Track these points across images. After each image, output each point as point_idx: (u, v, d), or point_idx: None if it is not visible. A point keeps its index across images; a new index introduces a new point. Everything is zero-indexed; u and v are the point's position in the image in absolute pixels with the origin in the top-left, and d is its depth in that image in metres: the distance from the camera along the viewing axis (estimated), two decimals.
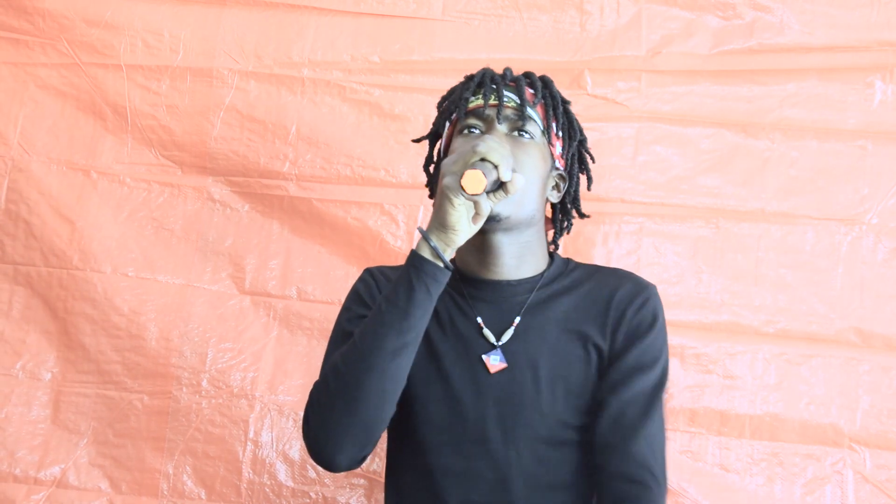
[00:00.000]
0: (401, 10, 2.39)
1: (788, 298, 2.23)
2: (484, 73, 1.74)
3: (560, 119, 1.74)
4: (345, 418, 1.50)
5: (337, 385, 1.51)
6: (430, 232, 1.51)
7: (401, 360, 1.51)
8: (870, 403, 2.18)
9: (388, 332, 1.49)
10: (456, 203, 1.47)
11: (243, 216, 2.38)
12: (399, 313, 1.50)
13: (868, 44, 2.31)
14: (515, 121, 1.67)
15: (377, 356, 1.49)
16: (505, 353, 1.64)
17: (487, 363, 1.63)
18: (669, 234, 2.27)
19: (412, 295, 1.50)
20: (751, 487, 2.16)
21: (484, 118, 1.68)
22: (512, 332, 1.65)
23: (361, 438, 1.52)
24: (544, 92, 1.73)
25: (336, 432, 1.51)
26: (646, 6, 2.36)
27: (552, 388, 1.61)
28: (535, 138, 1.68)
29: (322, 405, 1.53)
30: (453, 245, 1.51)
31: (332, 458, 1.53)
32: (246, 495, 2.24)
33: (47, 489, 2.28)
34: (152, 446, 2.28)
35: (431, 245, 1.50)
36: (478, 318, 1.67)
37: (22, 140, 2.41)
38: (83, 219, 2.37)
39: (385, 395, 1.51)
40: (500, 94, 1.67)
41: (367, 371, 1.49)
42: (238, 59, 2.40)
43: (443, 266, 1.51)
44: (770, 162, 2.28)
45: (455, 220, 1.49)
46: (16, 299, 2.37)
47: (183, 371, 2.30)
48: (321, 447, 1.53)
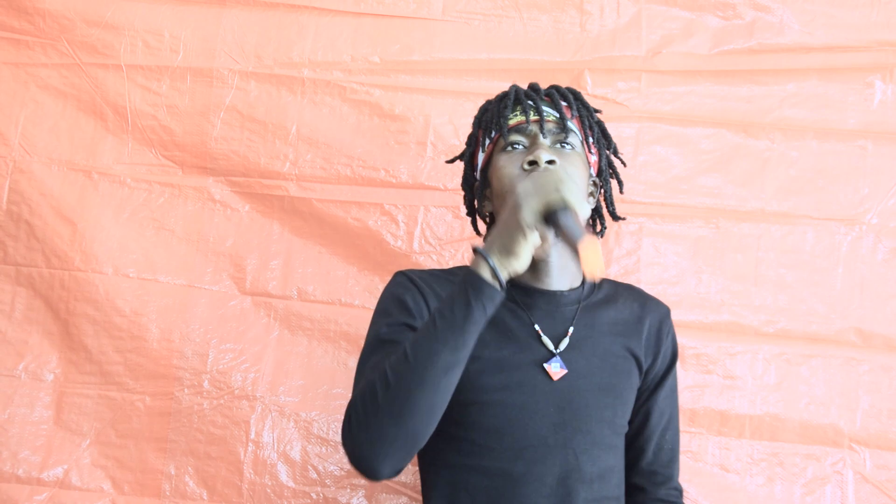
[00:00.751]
0: (401, 10, 2.39)
1: (788, 298, 2.24)
2: (517, 89, 1.80)
3: (595, 130, 1.83)
4: (392, 429, 1.50)
5: (386, 397, 1.50)
6: (492, 254, 1.51)
7: (452, 377, 1.52)
8: (870, 403, 2.19)
9: (442, 350, 1.50)
10: (529, 236, 1.49)
11: (244, 216, 2.38)
12: (456, 332, 1.50)
13: (868, 44, 2.31)
14: (558, 133, 1.74)
15: (430, 371, 1.49)
16: (563, 360, 1.70)
17: (549, 370, 1.69)
18: (669, 234, 2.27)
19: (470, 314, 1.50)
20: (751, 487, 2.17)
21: (527, 133, 1.74)
22: (568, 341, 1.72)
23: (406, 450, 1.53)
24: (577, 104, 1.81)
25: (382, 443, 1.51)
26: (646, 6, 2.36)
27: (604, 394, 1.71)
28: (576, 149, 1.75)
29: (368, 415, 1.52)
30: (512, 271, 1.52)
31: (377, 468, 1.53)
32: (247, 496, 2.25)
33: (50, 490, 2.29)
34: (154, 447, 2.29)
35: (492, 265, 1.51)
36: (535, 326, 1.72)
37: (23, 141, 2.41)
38: (84, 220, 2.37)
39: (434, 410, 1.52)
40: (540, 108, 1.74)
41: (419, 386, 1.49)
42: (238, 59, 2.39)
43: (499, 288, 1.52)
44: (770, 162, 2.28)
45: (522, 250, 1.50)
46: (18, 300, 2.37)
47: (184, 372, 2.30)
48: (366, 456, 1.53)
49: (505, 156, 1.74)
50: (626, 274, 2.25)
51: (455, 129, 2.31)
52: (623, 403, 1.74)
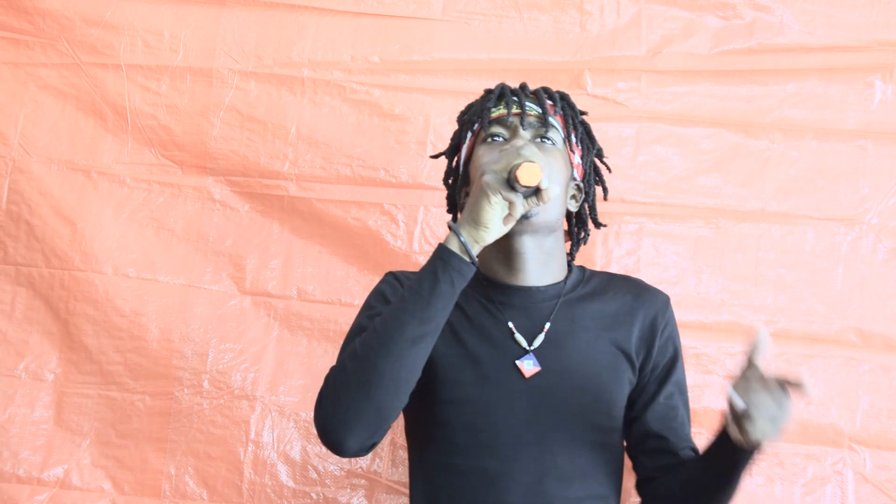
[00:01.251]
0: (401, 10, 2.39)
1: (788, 298, 2.23)
2: (503, 86, 1.80)
3: (578, 129, 1.81)
4: (358, 402, 1.52)
5: (354, 368, 1.53)
6: (461, 227, 1.54)
7: (418, 350, 1.53)
8: (870, 403, 2.19)
9: (408, 320, 1.52)
10: (493, 201, 1.50)
11: (243, 216, 2.38)
12: (422, 303, 1.52)
13: (868, 44, 2.30)
14: (538, 128, 1.73)
15: (396, 342, 1.51)
16: (537, 357, 1.68)
17: (522, 368, 1.67)
18: (669, 234, 2.27)
19: (436, 286, 1.52)
20: (751, 487, 2.17)
21: (507, 126, 1.74)
22: (543, 338, 1.70)
23: (372, 424, 1.54)
24: (562, 103, 1.80)
25: (348, 415, 1.52)
26: (646, 6, 2.36)
27: (584, 392, 1.68)
28: (557, 145, 1.74)
29: (337, 387, 1.54)
30: (482, 242, 1.53)
31: (342, 441, 1.55)
32: (247, 496, 2.25)
33: (50, 490, 2.29)
34: (154, 447, 2.29)
35: (461, 240, 1.52)
36: (509, 323, 1.71)
37: (22, 140, 2.41)
38: (84, 219, 2.37)
39: (399, 383, 1.53)
40: (523, 102, 1.74)
41: (384, 356, 1.51)
42: (238, 59, 2.39)
43: (469, 261, 1.53)
44: (770, 162, 2.28)
45: (489, 217, 1.51)
46: (18, 300, 2.37)
47: (184, 372, 2.30)
48: (332, 429, 1.55)
49: (484, 147, 1.74)
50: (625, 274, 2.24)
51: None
52: (608, 401, 1.70)
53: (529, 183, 1.48)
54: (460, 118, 1.89)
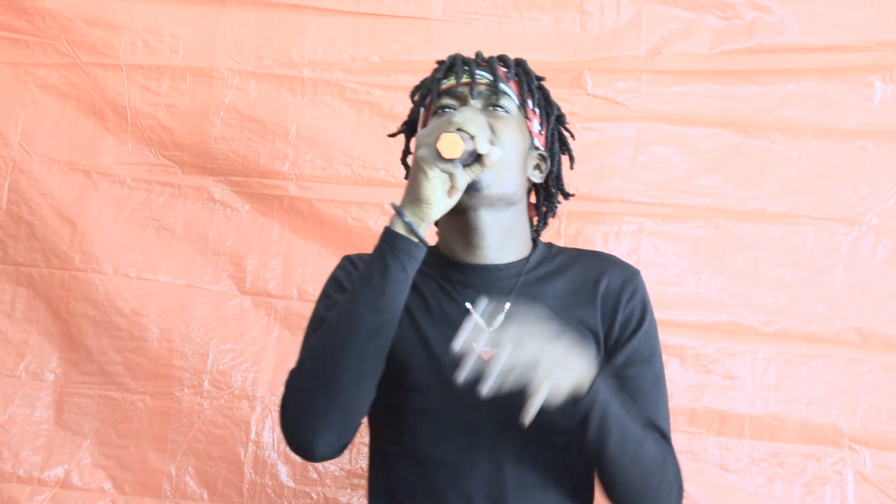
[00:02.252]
0: (401, 10, 2.39)
1: (788, 298, 2.23)
2: (455, 56, 1.69)
3: (535, 94, 1.70)
4: (322, 402, 1.44)
5: (314, 368, 1.46)
6: (404, 207, 1.44)
7: (378, 340, 1.45)
8: (870, 403, 2.19)
9: (363, 312, 1.43)
10: (430, 175, 1.41)
11: (243, 216, 2.38)
12: (375, 292, 1.44)
13: (868, 44, 2.30)
14: (489, 96, 1.63)
15: (353, 336, 1.43)
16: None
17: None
18: (669, 234, 2.27)
19: (387, 272, 1.43)
20: (751, 487, 2.17)
21: (458, 96, 1.63)
22: (503, 318, 1.58)
23: (340, 424, 1.47)
24: (517, 69, 1.69)
25: (314, 418, 1.45)
26: (646, 6, 2.36)
27: None
28: (511, 113, 1.63)
29: (299, 390, 1.47)
30: (428, 220, 1.44)
31: (310, 445, 1.47)
32: (248, 496, 2.25)
33: (51, 490, 2.30)
34: (155, 447, 2.29)
35: (405, 220, 1.43)
36: (466, 304, 1.60)
37: (23, 140, 2.41)
38: (84, 219, 2.37)
39: (363, 378, 1.45)
40: (473, 71, 1.63)
41: (344, 352, 1.43)
42: (238, 59, 2.39)
43: (418, 241, 1.44)
44: (770, 162, 2.28)
45: (429, 192, 1.42)
46: (18, 300, 2.37)
47: (184, 372, 2.31)
48: (299, 434, 1.48)
49: (434, 119, 1.63)
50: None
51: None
52: None
53: (451, 155, 1.37)
54: (412, 94, 1.78)
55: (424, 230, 1.45)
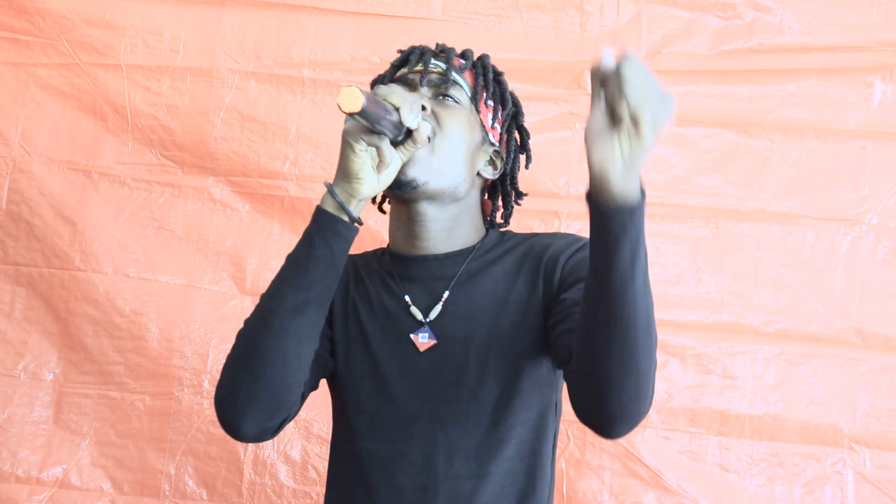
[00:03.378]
0: (401, 10, 2.39)
1: (788, 298, 2.23)
2: (413, 46, 1.64)
3: (490, 87, 1.62)
4: (247, 382, 1.40)
5: (240, 348, 1.42)
6: (335, 184, 1.39)
7: (302, 319, 1.40)
8: (870, 403, 2.19)
9: (286, 290, 1.39)
10: (357, 149, 1.35)
11: (244, 216, 2.38)
12: (298, 270, 1.39)
13: (868, 44, 2.31)
14: (440, 85, 1.57)
15: (275, 314, 1.39)
16: (434, 329, 1.53)
17: (416, 342, 1.53)
18: (669, 234, 2.27)
19: (312, 250, 1.38)
20: (751, 487, 2.17)
21: (408, 83, 1.57)
22: (440, 308, 1.54)
23: (267, 404, 1.42)
24: (475, 62, 1.63)
25: (239, 397, 1.41)
26: (646, 6, 2.36)
27: (483, 361, 1.51)
28: (461, 104, 1.57)
29: (227, 370, 1.43)
30: (358, 196, 1.38)
31: (237, 424, 1.43)
32: (247, 496, 2.25)
33: (49, 489, 2.29)
34: (154, 447, 2.29)
35: (336, 198, 1.38)
36: (405, 297, 1.55)
37: (23, 141, 2.41)
38: (84, 219, 2.37)
39: (287, 357, 1.40)
40: (427, 60, 1.58)
41: (265, 330, 1.39)
42: (238, 59, 2.40)
43: (347, 220, 1.39)
44: (770, 162, 2.28)
45: (357, 167, 1.36)
46: (17, 300, 2.37)
47: (184, 372, 2.30)
48: (226, 413, 1.43)
49: None
50: None
51: None
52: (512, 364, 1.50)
53: (350, 109, 1.27)
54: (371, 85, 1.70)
55: (357, 208, 1.39)
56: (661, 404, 2.19)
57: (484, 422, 1.50)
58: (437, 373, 1.50)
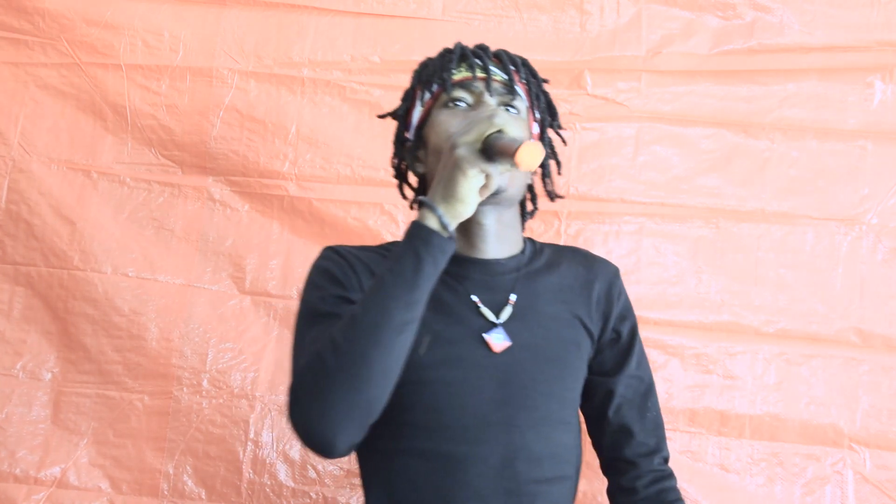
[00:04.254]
0: (401, 10, 2.39)
1: (788, 298, 2.24)
2: (463, 46, 1.68)
3: (540, 99, 1.72)
4: (348, 396, 1.37)
5: (338, 363, 1.38)
6: (436, 202, 1.40)
7: (406, 336, 1.41)
8: (870, 403, 2.19)
9: (395, 306, 1.38)
10: (470, 174, 1.38)
11: (243, 216, 2.37)
12: (407, 286, 1.39)
13: (868, 44, 2.31)
14: (505, 95, 1.63)
15: (384, 330, 1.38)
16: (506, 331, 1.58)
17: (490, 343, 1.57)
18: (669, 234, 2.27)
19: (420, 267, 1.39)
20: (751, 487, 2.17)
21: (472, 90, 1.62)
22: (511, 310, 1.60)
23: (363, 419, 1.41)
24: (525, 70, 1.70)
25: (336, 413, 1.38)
26: (646, 6, 2.36)
27: (551, 366, 1.58)
28: (521, 114, 1.65)
29: (319, 385, 1.39)
30: (460, 218, 1.41)
31: (332, 441, 1.40)
32: (246, 495, 2.24)
33: (47, 489, 2.28)
34: (153, 446, 2.28)
35: (438, 215, 1.39)
36: (472, 296, 1.60)
37: (22, 140, 2.40)
38: (83, 219, 2.36)
39: (388, 373, 1.40)
40: (487, 66, 1.63)
41: (373, 347, 1.37)
42: (238, 58, 2.39)
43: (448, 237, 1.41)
44: (770, 162, 2.28)
45: (466, 192, 1.39)
46: (16, 299, 2.37)
47: (183, 371, 2.30)
48: (319, 430, 1.39)
49: (447, 112, 1.61)
50: (625, 274, 2.21)
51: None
52: (572, 375, 1.61)
53: (531, 167, 1.33)
54: (415, 76, 1.73)
55: (454, 225, 1.42)
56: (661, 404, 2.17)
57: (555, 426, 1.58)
58: (513, 376, 1.56)
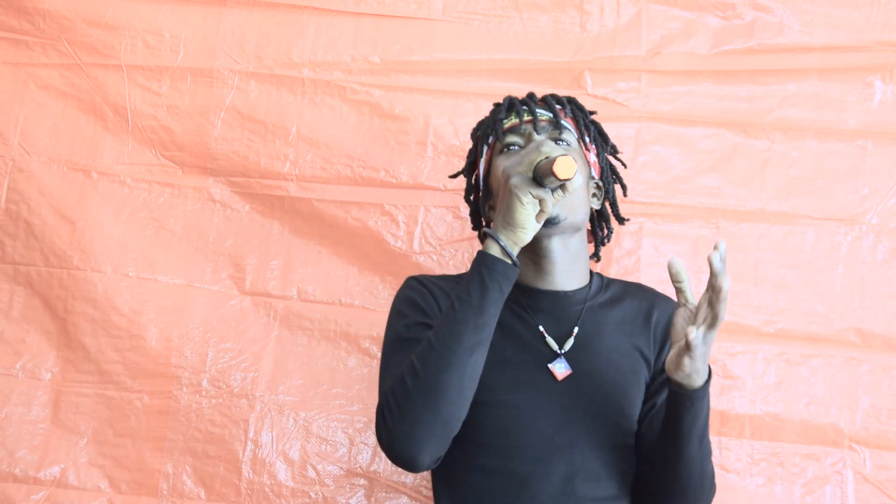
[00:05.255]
0: (401, 10, 2.39)
1: (788, 298, 2.23)
2: (511, 98, 1.84)
3: (590, 128, 1.86)
4: (426, 416, 1.54)
5: (416, 384, 1.54)
6: (499, 231, 1.57)
7: (477, 357, 1.56)
8: (870, 403, 2.18)
9: (464, 330, 1.55)
10: (525, 201, 1.53)
11: (244, 216, 2.38)
12: (474, 311, 1.55)
13: (868, 44, 2.31)
14: (552, 131, 1.78)
15: (455, 353, 1.54)
16: (567, 360, 1.72)
17: (554, 371, 1.71)
18: (669, 234, 2.27)
19: (486, 292, 1.55)
20: (751, 487, 2.16)
21: (522, 133, 1.78)
22: (573, 342, 1.74)
23: (442, 436, 1.57)
24: (571, 106, 1.86)
25: (418, 431, 1.54)
26: (646, 6, 2.36)
27: (612, 395, 1.71)
28: (572, 146, 1.79)
29: (401, 406, 1.55)
30: (521, 243, 1.57)
31: (415, 457, 1.57)
32: (246, 495, 2.24)
33: (47, 489, 2.28)
34: (152, 446, 2.28)
35: (501, 244, 1.56)
36: (539, 327, 1.75)
37: (22, 140, 2.41)
38: (84, 219, 2.37)
39: (463, 392, 1.56)
40: (533, 110, 1.78)
41: (446, 368, 1.54)
42: (238, 59, 2.40)
43: (511, 263, 1.56)
44: (770, 162, 2.28)
45: (524, 218, 1.55)
46: (16, 299, 2.37)
47: (183, 371, 2.30)
48: (404, 447, 1.56)
49: (502, 157, 1.79)
50: (626, 274, 2.24)
51: (455, 130, 2.32)
52: (630, 404, 1.74)
53: (567, 175, 1.47)
54: (473, 134, 1.93)
55: (517, 251, 1.57)
56: None
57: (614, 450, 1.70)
58: (575, 401, 1.69)
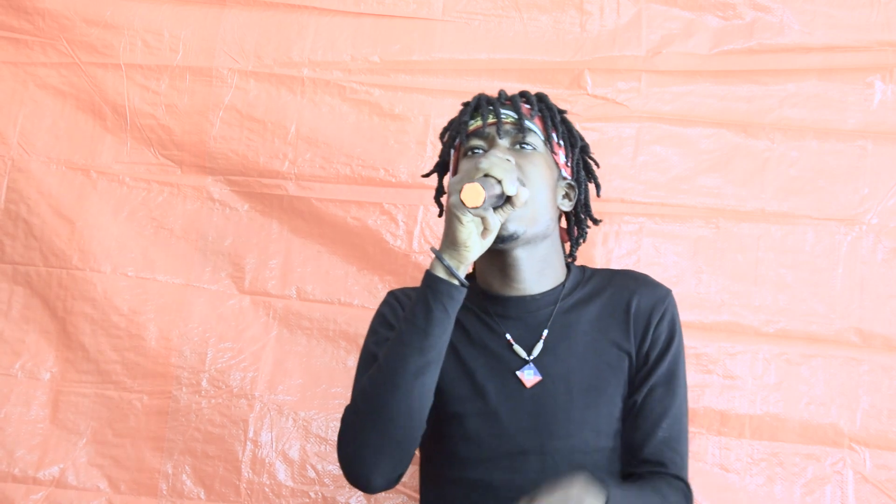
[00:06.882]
0: (401, 10, 2.39)
1: (788, 298, 2.23)
2: (479, 97, 1.80)
3: (559, 128, 1.80)
4: (375, 439, 1.55)
5: (365, 407, 1.56)
6: (443, 251, 1.55)
7: (424, 379, 1.55)
8: (870, 403, 2.18)
9: (409, 353, 1.54)
10: (464, 220, 1.51)
11: (243, 216, 2.37)
12: (419, 333, 1.54)
13: (868, 44, 2.31)
14: (516, 134, 1.73)
15: (401, 376, 1.53)
16: (537, 366, 1.69)
17: (522, 378, 1.68)
18: (669, 234, 2.27)
19: (430, 315, 1.53)
20: (751, 487, 2.16)
21: (485, 137, 1.74)
22: (541, 346, 1.71)
23: (394, 457, 1.57)
24: (540, 105, 1.79)
25: (368, 453, 1.56)
26: (646, 6, 2.36)
27: (585, 397, 1.68)
28: (537, 149, 1.74)
29: (353, 428, 1.58)
30: (466, 262, 1.55)
31: (368, 479, 1.58)
32: (245, 495, 2.24)
33: (46, 489, 2.28)
34: (151, 446, 2.28)
35: (445, 264, 1.54)
36: (506, 335, 1.72)
37: (21, 140, 2.41)
38: (83, 218, 2.36)
39: (412, 414, 1.55)
40: (498, 111, 1.73)
41: (392, 391, 1.53)
42: (238, 58, 2.39)
43: (458, 284, 1.54)
44: (770, 162, 2.28)
45: (465, 237, 1.52)
46: (15, 299, 2.37)
47: (182, 371, 2.30)
48: (356, 469, 1.58)
49: (465, 161, 1.76)
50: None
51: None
52: (609, 402, 1.69)
53: (474, 204, 1.47)
54: (442, 135, 1.89)
55: (464, 271, 1.55)
56: None
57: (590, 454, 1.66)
58: (545, 408, 1.66)
